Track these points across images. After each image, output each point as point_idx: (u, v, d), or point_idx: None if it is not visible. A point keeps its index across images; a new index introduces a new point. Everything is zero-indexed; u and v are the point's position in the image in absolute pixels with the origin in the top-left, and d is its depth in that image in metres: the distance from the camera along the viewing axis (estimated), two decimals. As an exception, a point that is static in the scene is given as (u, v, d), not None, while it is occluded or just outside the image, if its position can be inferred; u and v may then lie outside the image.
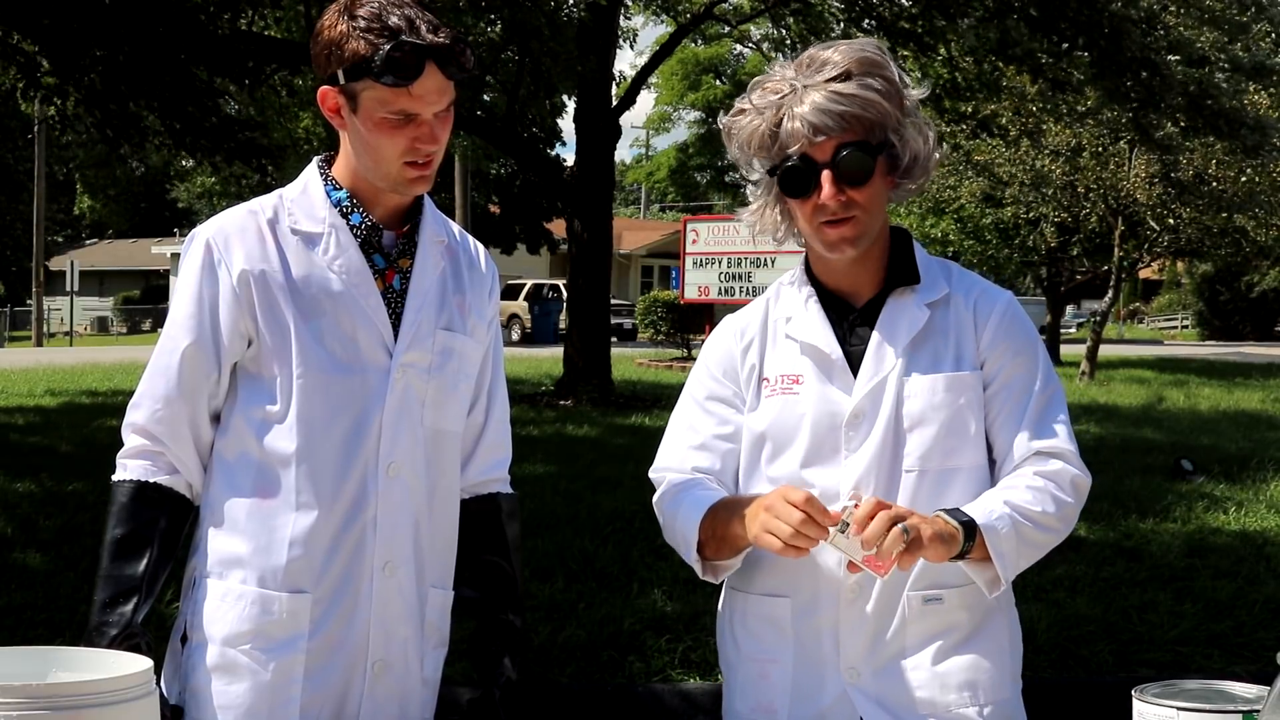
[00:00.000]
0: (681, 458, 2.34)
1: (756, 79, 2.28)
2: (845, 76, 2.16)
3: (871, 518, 2.02)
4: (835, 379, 2.25)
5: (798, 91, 2.17)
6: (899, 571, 2.09)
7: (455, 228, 2.37)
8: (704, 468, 2.31)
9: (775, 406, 2.27)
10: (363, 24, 2.08)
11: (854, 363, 2.26)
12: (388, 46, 2.06)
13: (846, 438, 2.24)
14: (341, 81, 2.11)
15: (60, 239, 53.84)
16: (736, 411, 2.33)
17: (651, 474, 2.39)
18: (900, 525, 2.02)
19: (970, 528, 2.11)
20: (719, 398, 2.34)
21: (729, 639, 2.37)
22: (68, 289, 38.96)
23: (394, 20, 2.08)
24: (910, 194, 2.32)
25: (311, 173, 2.27)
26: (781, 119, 2.17)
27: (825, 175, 2.17)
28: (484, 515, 2.37)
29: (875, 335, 2.26)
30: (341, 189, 2.23)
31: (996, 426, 2.27)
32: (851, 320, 2.29)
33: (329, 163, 2.27)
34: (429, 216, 2.29)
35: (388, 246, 2.24)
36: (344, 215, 2.21)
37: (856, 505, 2.05)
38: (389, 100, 2.09)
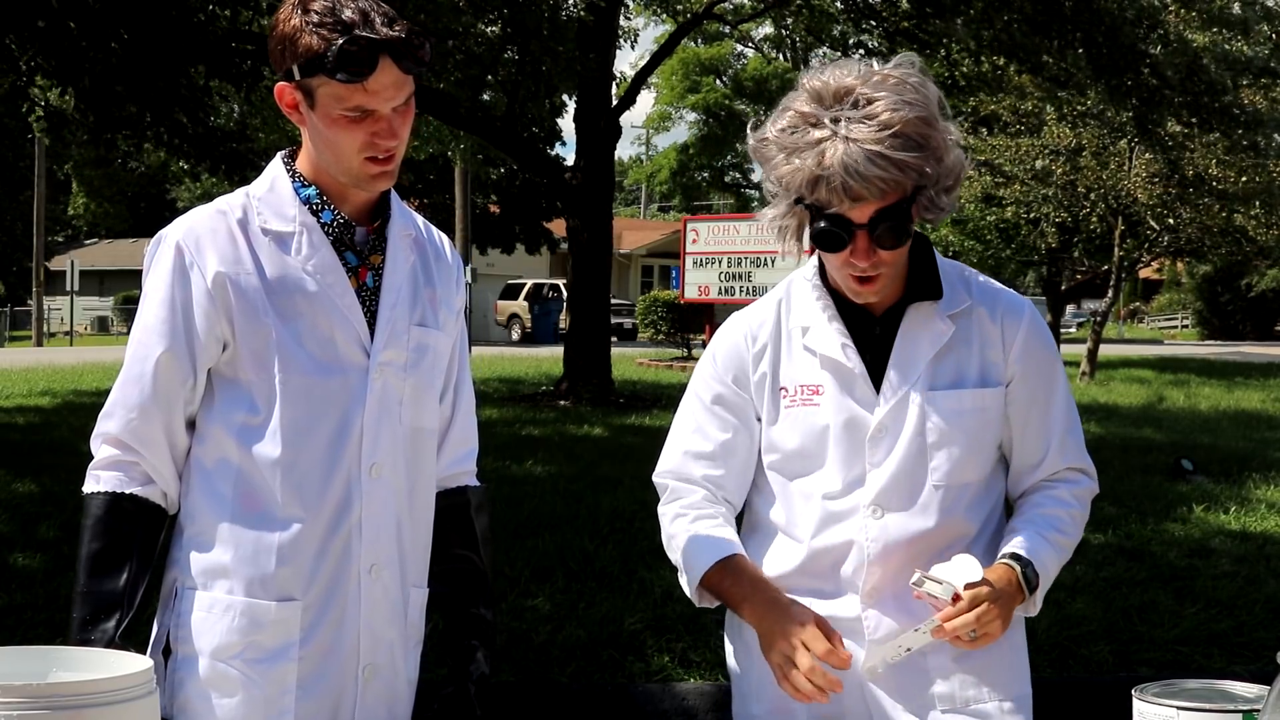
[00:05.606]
0: (689, 466, 2.32)
1: (788, 104, 2.17)
2: (891, 133, 2.07)
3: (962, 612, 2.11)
4: (856, 390, 2.24)
5: (837, 137, 2.08)
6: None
7: (419, 219, 2.33)
8: (712, 477, 2.31)
9: (797, 419, 2.26)
10: (316, 19, 2.03)
11: (874, 371, 2.24)
12: (341, 41, 2.01)
13: (870, 451, 2.23)
14: (297, 77, 2.07)
15: (60, 239, 53.81)
16: (744, 417, 2.31)
17: (656, 478, 2.38)
18: (971, 627, 2.11)
19: (1030, 584, 2.21)
20: (726, 403, 2.32)
21: (740, 641, 2.35)
22: (68, 289, 38.91)
23: (347, 14, 2.03)
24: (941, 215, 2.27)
25: (277, 168, 2.21)
26: (820, 172, 2.09)
27: (860, 236, 2.13)
28: (453, 509, 2.33)
29: (897, 347, 2.24)
30: (310, 185, 2.18)
31: (1026, 437, 2.29)
32: (871, 330, 2.26)
33: (293, 157, 2.22)
34: (396, 210, 2.25)
35: (360, 243, 2.20)
36: (314, 213, 2.17)
37: (955, 599, 2.12)
38: (345, 96, 2.04)
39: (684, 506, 2.31)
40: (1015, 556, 2.20)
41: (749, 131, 2.25)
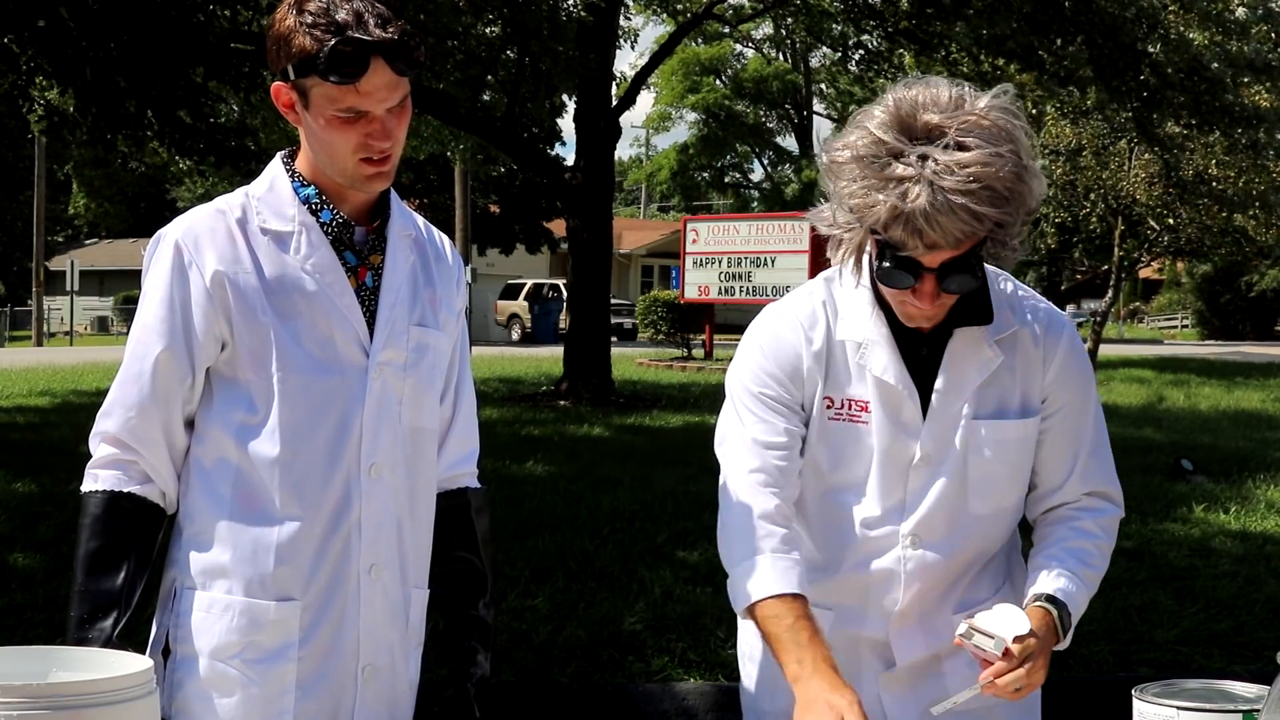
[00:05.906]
0: (763, 456, 2.22)
1: (865, 123, 2.07)
2: (981, 186, 1.99)
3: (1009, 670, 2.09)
4: (904, 414, 2.22)
5: (922, 180, 1.99)
6: (949, 611, 2.23)
7: (419, 220, 2.32)
8: (784, 469, 2.22)
9: (841, 434, 2.24)
10: (309, 19, 2.03)
11: (921, 390, 2.23)
12: (333, 42, 2.01)
13: (912, 477, 2.23)
14: (292, 78, 2.07)
15: (60, 239, 53.83)
16: (797, 409, 2.26)
17: (720, 454, 2.29)
18: (1023, 682, 2.10)
19: (1065, 626, 2.20)
20: (784, 400, 2.25)
21: (755, 635, 2.28)
22: (68, 289, 38.92)
23: (341, 15, 2.02)
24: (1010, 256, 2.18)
25: (276, 168, 2.21)
26: (900, 211, 2.01)
27: (928, 279, 2.08)
28: (454, 510, 2.32)
29: (944, 372, 2.22)
30: (309, 185, 2.18)
31: (1049, 458, 2.28)
32: (918, 350, 2.24)
33: (292, 157, 2.22)
34: (396, 210, 2.25)
35: (359, 243, 2.20)
36: (314, 212, 2.17)
37: (1005, 654, 2.09)
38: (337, 97, 2.04)
39: (762, 514, 2.20)
40: (1051, 600, 2.18)
41: (820, 144, 2.21)
